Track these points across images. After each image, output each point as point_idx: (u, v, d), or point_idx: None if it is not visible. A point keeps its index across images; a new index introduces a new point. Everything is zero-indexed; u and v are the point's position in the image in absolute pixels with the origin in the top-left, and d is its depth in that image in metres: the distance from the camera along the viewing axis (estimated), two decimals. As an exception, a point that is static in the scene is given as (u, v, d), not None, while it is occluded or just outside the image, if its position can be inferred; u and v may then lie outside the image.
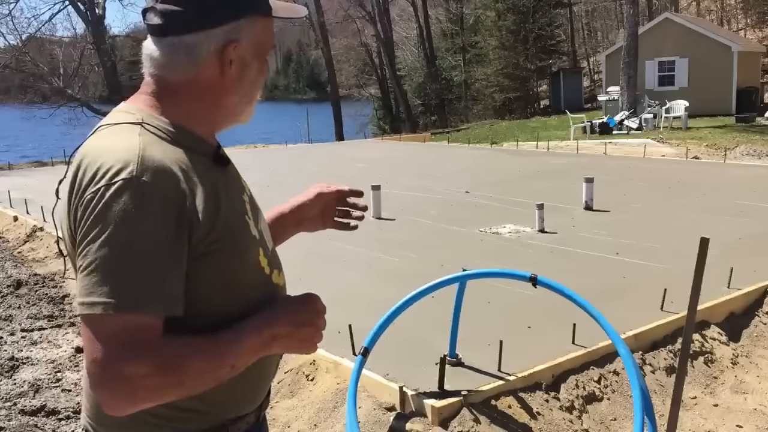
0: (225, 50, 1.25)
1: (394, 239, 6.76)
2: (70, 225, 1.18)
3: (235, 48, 1.26)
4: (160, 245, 1.12)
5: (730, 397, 3.75)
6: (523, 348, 3.74)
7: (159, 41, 1.25)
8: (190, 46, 1.24)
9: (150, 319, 1.11)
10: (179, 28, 1.23)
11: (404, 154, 15.53)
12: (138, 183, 1.11)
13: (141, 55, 1.28)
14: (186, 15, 1.22)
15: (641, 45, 21.16)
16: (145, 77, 1.30)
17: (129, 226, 1.10)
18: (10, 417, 3.41)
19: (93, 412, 1.27)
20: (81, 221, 1.13)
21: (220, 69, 1.26)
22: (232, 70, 1.27)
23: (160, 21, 1.23)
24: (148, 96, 1.27)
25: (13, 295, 5.84)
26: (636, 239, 6.38)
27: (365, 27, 37.37)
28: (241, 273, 1.26)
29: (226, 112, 1.31)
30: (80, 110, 28.42)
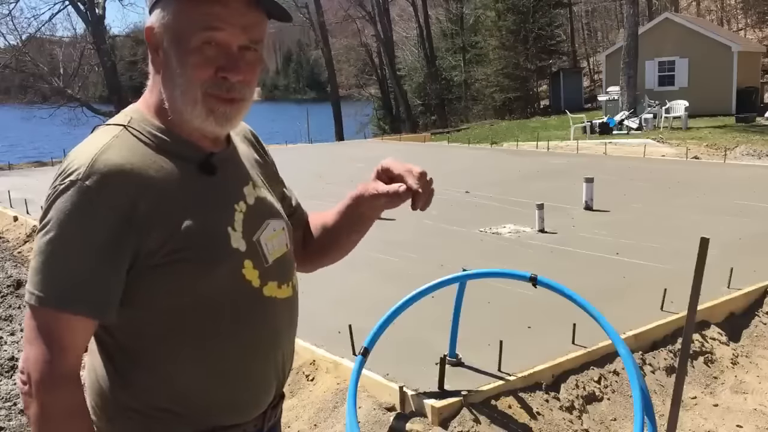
0: (149, 33, 1.20)
1: (394, 239, 6.76)
2: None
3: (154, 34, 1.19)
4: (94, 249, 1.12)
5: (730, 397, 3.75)
6: (523, 348, 3.74)
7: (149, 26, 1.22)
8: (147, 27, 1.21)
9: (75, 320, 1.13)
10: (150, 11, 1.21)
11: (404, 154, 15.53)
12: (81, 186, 1.12)
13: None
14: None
15: (641, 45, 21.16)
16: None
17: (65, 225, 1.12)
18: (10, 417, 3.41)
19: (90, 405, 1.28)
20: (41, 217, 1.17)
21: (152, 57, 1.22)
22: (159, 59, 1.21)
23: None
24: (146, 95, 1.26)
25: (13, 295, 5.84)
26: (636, 239, 6.37)
27: (365, 27, 37.37)
28: (214, 285, 1.22)
29: (173, 109, 1.21)
30: (80, 110, 28.41)
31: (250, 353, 1.30)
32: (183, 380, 1.24)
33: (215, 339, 1.25)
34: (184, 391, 1.23)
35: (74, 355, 1.16)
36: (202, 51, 1.17)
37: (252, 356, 1.31)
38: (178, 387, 1.23)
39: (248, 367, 1.30)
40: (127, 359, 1.22)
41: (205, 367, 1.25)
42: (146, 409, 1.24)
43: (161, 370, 1.22)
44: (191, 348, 1.24)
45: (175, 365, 1.23)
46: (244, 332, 1.28)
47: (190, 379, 1.25)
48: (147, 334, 1.21)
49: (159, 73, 1.21)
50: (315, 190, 9.95)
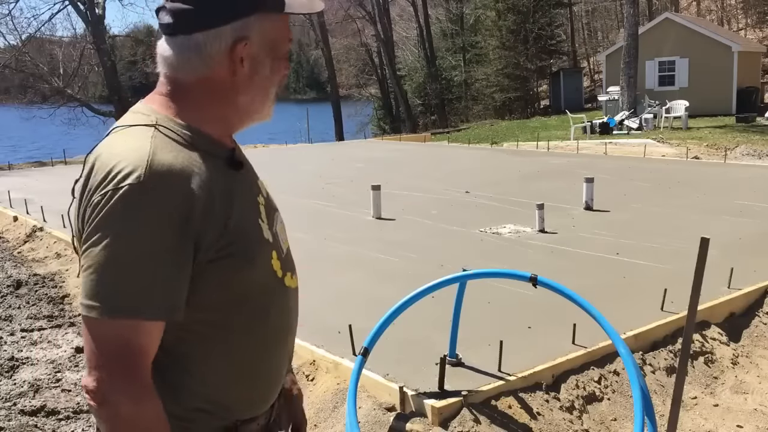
0: (235, 48, 1.23)
1: (394, 239, 6.76)
2: (78, 225, 1.19)
3: (246, 46, 1.24)
4: (162, 251, 1.12)
5: (731, 398, 3.75)
6: (523, 348, 3.73)
7: (171, 40, 1.25)
8: (199, 44, 1.22)
9: (151, 325, 1.13)
10: (189, 26, 1.22)
11: (404, 154, 15.52)
12: (143, 189, 1.11)
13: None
14: (195, 13, 1.21)
15: (641, 45, 21.16)
16: (160, 77, 1.29)
17: (132, 231, 1.10)
18: (10, 417, 3.41)
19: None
20: (87, 222, 1.13)
21: (231, 68, 1.25)
22: (244, 69, 1.25)
23: (171, 20, 1.22)
24: (163, 96, 1.27)
25: (13, 295, 5.84)
26: (636, 239, 6.37)
27: (365, 27, 37.34)
28: (253, 277, 1.26)
29: (241, 112, 1.30)
30: (80, 110, 28.41)
31: (273, 345, 1.33)
32: (214, 378, 1.25)
33: (243, 333, 1.26)
34: (214, 389, 1.24)
35: (150, 362, 1.15)
36: (285, 57, 1.30)
37: (274, 347, 1.34)
38: (210, 386, 1.23)
39: (270, 359, 1.33)
40: (167, 361, 1.20)
41: (233, 362, 1.26)
42: (184, 413, 1.23)
43: (197, 371, 1.21)
44: (222, 344, 1.24)
45: (208, 364, 1.24)
46: (270, 323, 1.31)
47: (220, 376, 1.26)
48: (189, 332, 1.20)
49: (233, 78, 1.25)
50: (315, 190, 9.96)
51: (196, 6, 1.21)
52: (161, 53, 1.26)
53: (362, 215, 7.83)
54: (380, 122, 38.66)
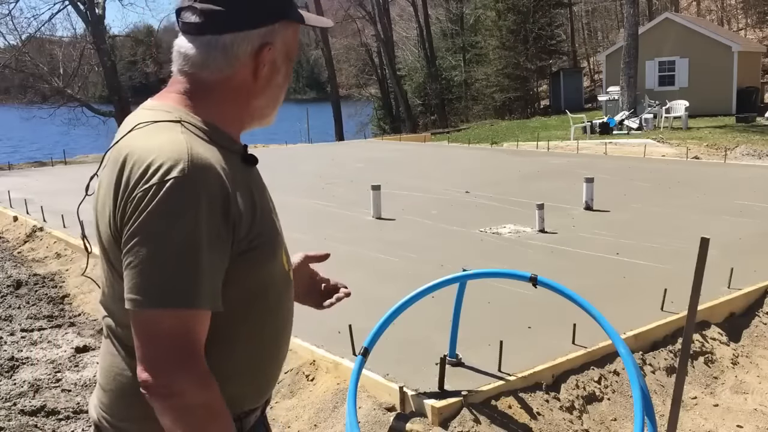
0: (260, 52, 1.27)
1: (394, 239, 6.76)
2: (114, 221, 1.18)
3: (270, 50, 1.28)
4: (209, 242, 1.13)
5: (731, 398, 3.75)
6: (523, 348, 3.73)
7: (195, 39, 1.26)
8: (227, 45, 1.25)
9: (199, 315, 1.14)
10: (219, 27, 1.24)
11: (404, 154, 15.52)
12: (189, 181, 1.12)
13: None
14: (227, 15, 1.24)
15: (641, 45, 21.16)
16: (175, 75, 1.30)
17: (181, 223, 1.11)
18: (10, 417, 3.41)
19: (109, 406, 1.29)
20: (131, 218, 1.13)
21: (254, 70, 1.28)
22: (264, 72, 1.30)
23: (199, 19, 1.24)
24: (180, 94, 1.28)
25: (13, 295, 5.84)
26: (636, 239, 6.37)
27: (365, 27, 37.36)
28: (273, 270, 1.30)
29: (252, 114, 1.34)
30: (80, 110, 28.40)
31: (281, 336, 1.36)
32: (227, 370, 1.25)
33: (259, 325, 1.30)
34: (226, 380, 1.23)
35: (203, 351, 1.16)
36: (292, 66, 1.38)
37: (282, 339, 1.37)
38: (223, 377, 1.22)
39: (278, 351, 1.37)
40: None
41: (245, 354, 1.29)
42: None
43: (212, 363, 1.19)
44: (237, 336, 1.27)
45: (222, 356, 1.24)
46: (281, 315, 1.35)
47: (232, 368, 1.27)
48: (214, 325, 1.19)
49: (255, 81, 1.30)
50: (315, 190, 9.95)
51: (229, 8, 1.24)
52: (182, 51, 1.28)
53: (362, 215, 7.83)
54: (380, 122, 38.66)
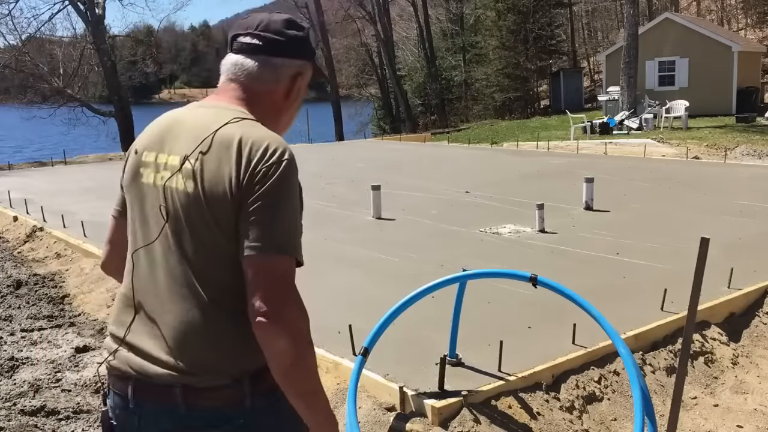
0: (296, 78, 1.67)
1: (394, 239, 6.76)
2: (233, 189, 1.46)
3: (301, 78, 1.68)
4: (301, 208, 1.52)
5: (731, 398, 3.75)
6: (523, 348, 3.73)
7: (253, 57, 1.63)
8: (277, 65, 1.63)
9: (295, 264, 1.47)
10: (273, 51, 1.63)
11: (404, 154, 15.52)
12: (294, 163, 1.51)
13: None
14: (283, 44, 1.63)
15: (641, 45, 21.15)
16: (226, 83, 1.65)
17: (294, 193, 1.49)
18: (10, 417, 3.41)
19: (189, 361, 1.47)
20: (256, 187, 1.45)
21: (288, 90, 1.67)
22: (293, 94, 1.69)
23: (260, 42, 1.62)
24: (237, 100, 1.63)
25: (13, 295, 5.84)
26: (636, 239, 6.37)
27: (365, 27, 37.35)
28: None
29: (278, 126, 1.66)
30: (80, 110, 28.38)
31: None
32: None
33: None
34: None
35: None
36: None
37: None
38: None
39: None
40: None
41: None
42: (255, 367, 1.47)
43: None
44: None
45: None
46: None
47: None
48: None
49: (286, 99, 1.68)
50: (315, 190, 9.95)
51: (285, 40, 1.64)
52: (238, 64, 1.63)
53: (362, 215, 7.83)
54: (380, 122, 38.64)
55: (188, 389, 1.45)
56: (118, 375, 1.55)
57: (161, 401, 1.48)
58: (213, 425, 1.46)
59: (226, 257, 1.47)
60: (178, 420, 1.47)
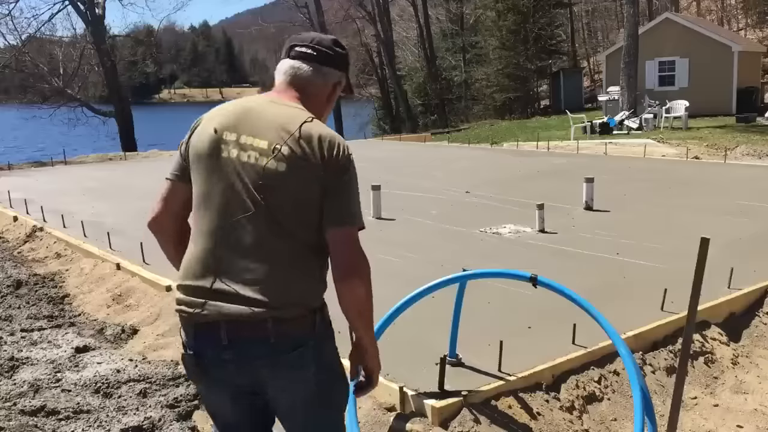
0: (337, 85, 2.14)
1: (394, 239, 6.76)
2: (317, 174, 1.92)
3: (339, 85, 2.15)
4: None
5: (731, 398, 3.75)
6: (523, 348, 3.73)
7: (308, 63, 2.08)
8: (326, 73, 2.10)
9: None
10: (323, 61, 2.09)
11: (404, 154, 15.53)
12: (351, 153, 2.02)
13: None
14: (331, 57, 2.10)
15: (641, 45, 21.15)
16: (287, 85, 2.08)
17: (356, 178, 2.01)
18: (10, 417, 3.41)
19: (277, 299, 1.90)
20: (334, 175, 1.95)
21: (330, 94, 2.14)
22: (332, 98, 2.15)
23: (315, 53, 2.08)
24: (297, 99, 2.06)
25: (13, 295, 5.83)
26: (636, 239, 6.37)
27: (365, 27, 37.34)
28: None
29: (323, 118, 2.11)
30: (80, 110, 28.38)
31: None
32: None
33: None
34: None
35: None
36: None
37: None
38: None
39: None
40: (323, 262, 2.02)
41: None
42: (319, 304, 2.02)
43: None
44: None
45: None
46: None
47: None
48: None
49: (327, 102, 2.14)
50: (315, 190, 9.95)
51: (333, 54, 2.11)
52: (297, 67, 2.08)
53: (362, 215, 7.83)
54: (380, 122, 38.64)
55: (277, 320, 1.89)
56: (208, 322, 1.92)
57: (255, 335, 1.89)
58: (295, 347, 1.92)
59: (308, 223, 1.95)
60: (269, 347, 1.90)
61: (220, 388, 2.02)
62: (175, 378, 3.91)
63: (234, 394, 2.02)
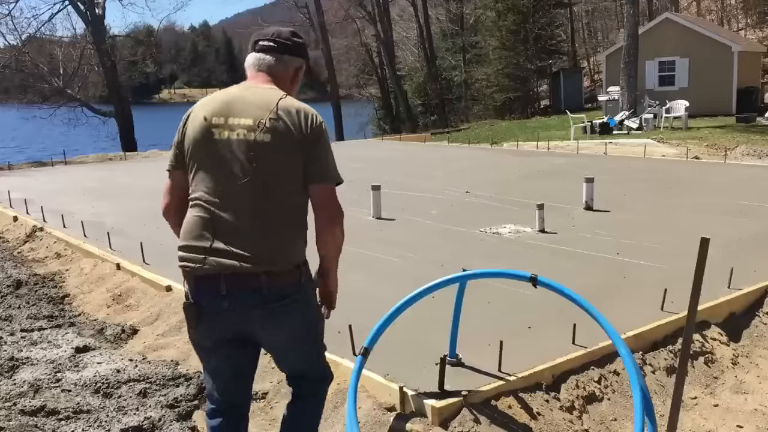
0: (299, 69, 2.55)
1: (394, 239, 6.76)
2: (298, 141, 2.31)
3: (300, 69, 2.56)
4: None
5: (731, 398, 3.74)
6: (523, 348, 3.73)
7: (270, 54, 2.48)
8: (286, 61, 2.50)
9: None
10: (283, 51, 2.49)
11: (404, 154, 15.53)
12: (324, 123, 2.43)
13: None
14: (289, 46, 2.50)
15: (641, 45, 21.15)
16: (257, 72, 2.47)
17: (329, 142, 2.41)
18: (10, 417, 3.40)
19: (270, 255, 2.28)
20: (313, 141, 2.33)
21: (293, 77, 2.53)
22: (295, 80, 2.55)
23: (275, 45, 2.48)
24: (269, 82, 2.45)
25: (13, 295, 5.83)
26: (636, 239, 6.37)
27: (365, 27, 37.35)
28: None
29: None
30: (80, 110, 28.37)
31: None
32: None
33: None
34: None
35: None
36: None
37: None
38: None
39: None
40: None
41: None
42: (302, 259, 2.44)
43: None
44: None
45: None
46: None
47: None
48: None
49: (291, 84, 2.53)
50: (315, 190, 9.95)
51: (291, 44, 2.51)
52: (262, 58, 2.47)
53: (362, 215, 7.83)
54: (380, 122, 38.63)
55: (269, 274, 2.26)
56: (209, 275, 2.27)
57: (250, 286, 2.26)
58: (283, 297, 2.29)
59: (292, 187, 2.32)
60: (261, 297, 2.27)
61: (215, 334, 2.37)
62: (175, 378, 3.91)
63: (226, 340, 2.38)
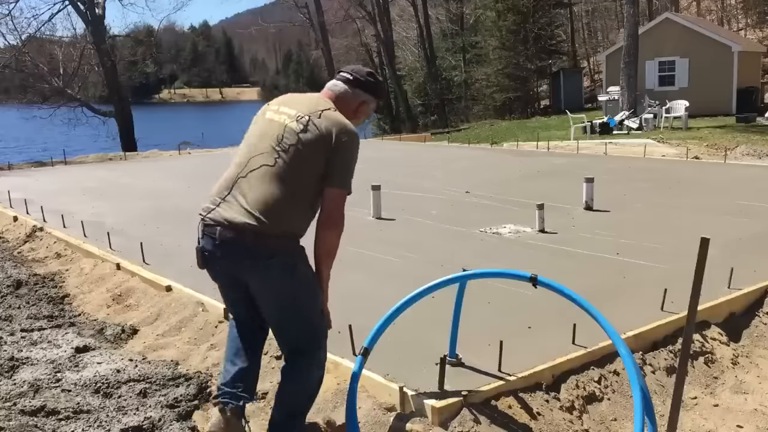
0: (363, 103, 3.02)
1: (394, 239, 6.76)
2: (328, 146, 2.74)
3: (364, 104, 3.02)
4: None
5: (731, 398, 3.74)
6: (523, 348, 3.73)
7: (344, 83, 2.99)
8: (354, 92, 2.99)
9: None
10: (354, 85, 2.99)
11: (404, 154, 15.53)
12: (358, 138, 2.83)
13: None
14: (362, 82, 3.01)
15: (641, 45, 21.16)
16: (327, 92, 2.99)
17: (356, 156, 2.85)
18: (10, 417, 3.40)
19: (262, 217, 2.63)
20: (337, 149, 2.75)
21: (357, 108, 3.00)
22: (359, 112, 3.01)
23: (350, 78, 2.99)
24: (332, 101, 2.92)
25: (13, 295, 5.83)
26: (636, 239, 6.37)
27: (365, 27, 37.38)
28: None
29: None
30: (80, 110, 28.37)
31: None
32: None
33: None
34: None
35: None
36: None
37: None
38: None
39: None
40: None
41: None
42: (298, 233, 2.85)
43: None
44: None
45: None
46: None
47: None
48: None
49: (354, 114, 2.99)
50: (315, 190, 9.95)
51: (364, 81, 3.01)
52: (337, 84, 3.00)
53: (362, 215, 7.83)
54: (380, 122, 38.64)
55: (257, 233, 2.60)
56: (212, 224, 2.68)
57: (237, 238, 2.62)
58: (272, 256, 2.64)
59: (310, 179, 2.72)
60: (247, 250, 2.62)
61: (221, 278, 2.83)
62: (175, 378, 3.91)
63: (230, 283, 2.82)
